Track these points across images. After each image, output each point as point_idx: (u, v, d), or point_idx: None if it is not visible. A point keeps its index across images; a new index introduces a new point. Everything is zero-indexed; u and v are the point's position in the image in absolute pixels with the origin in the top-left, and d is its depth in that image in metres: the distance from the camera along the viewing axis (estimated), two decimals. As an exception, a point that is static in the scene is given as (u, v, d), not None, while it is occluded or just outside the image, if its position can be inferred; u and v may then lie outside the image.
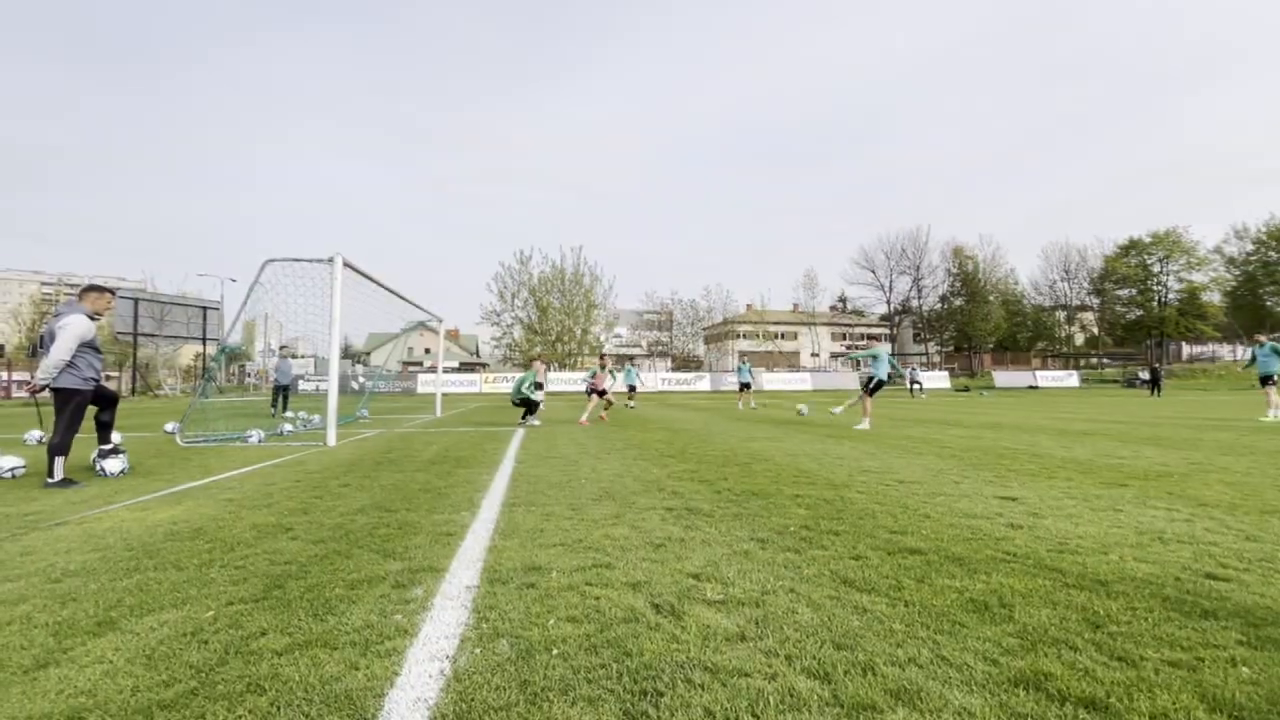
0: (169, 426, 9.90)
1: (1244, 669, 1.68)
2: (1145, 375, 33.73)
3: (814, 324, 61.56)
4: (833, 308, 67.81)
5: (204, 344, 34.25)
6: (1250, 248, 51.28)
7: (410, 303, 13.35)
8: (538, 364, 11.86)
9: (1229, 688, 1.58)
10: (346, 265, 8.55)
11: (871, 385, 10.76)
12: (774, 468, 5.56)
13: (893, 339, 64.92)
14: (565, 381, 38.63)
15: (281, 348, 14.02)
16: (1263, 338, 12.00)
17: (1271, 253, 49.71)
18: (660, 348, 57.19)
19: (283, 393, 14.97)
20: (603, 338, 51.20)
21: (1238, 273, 52.24)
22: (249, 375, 48.70)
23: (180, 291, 42.70)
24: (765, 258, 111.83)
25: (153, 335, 32.31)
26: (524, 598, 2.28)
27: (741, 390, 19.05)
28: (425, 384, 36.10)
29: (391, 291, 11.58)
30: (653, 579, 2.48)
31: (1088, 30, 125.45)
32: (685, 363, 57.08)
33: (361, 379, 34.28)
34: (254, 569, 2.65)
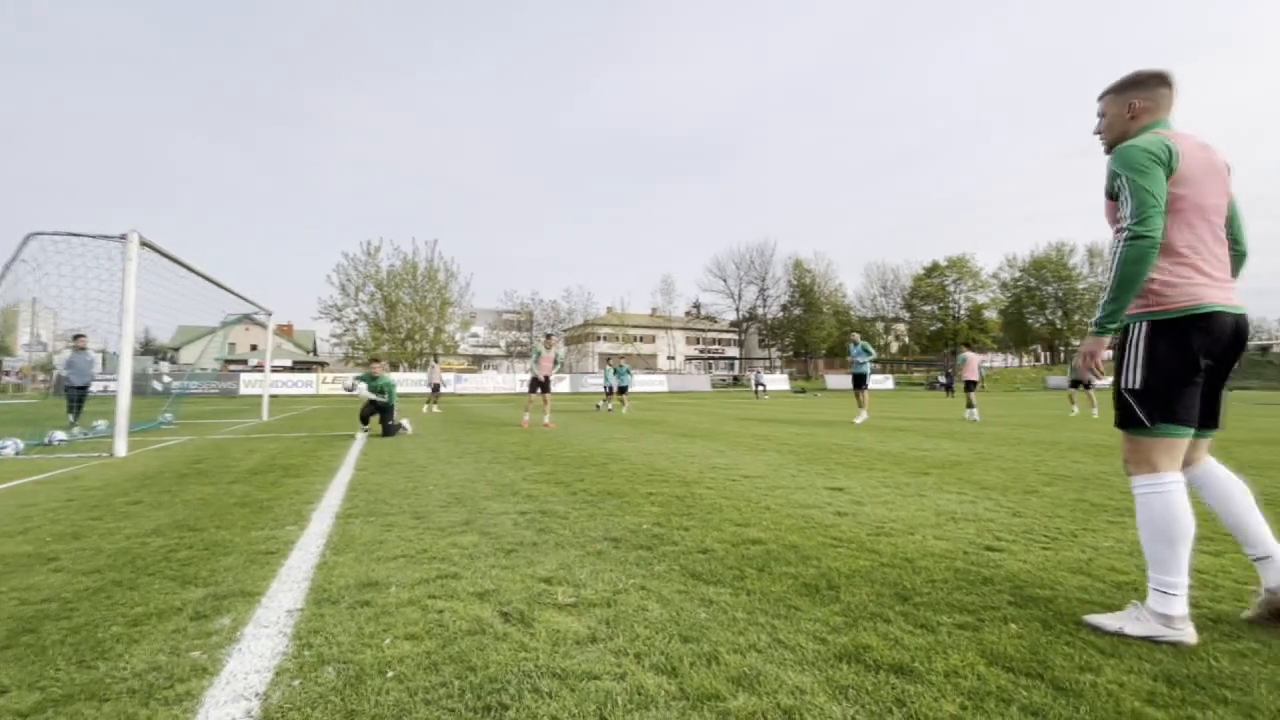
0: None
1: (1013, 625, 1.98)
2: (943, 379, 39.42)
3: (670, 328, 63.99)
4: (688, 313, 70.95)
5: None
6: (1018, 274, 62.05)
7: (232, 293, 11.76)
8: (376, 366, 10.19)
9: (1002, 643, 1.85)
10: (145, 245, 7.31)
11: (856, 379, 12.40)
12: (630, 467, 5.65)
13: (740, 344, 69.53)
14: (416, 383, 36.42)
15: (76, 337, 11.21)
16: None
17: (1032, 279, 60.60)
18: (519, 348, 55.96)
19: (79, 395, 11.73)
20: (458, 336, 49.02)
21: (1009, 295, 62.94)
22: (7, 373, 39.67)
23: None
24: (626, 262, 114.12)
25: None
26: (357, 617, 2.07)
27: (610, 392, 19.05)
28: (250, 384, 32.08)
29: (208, 279, 10.12)
30: (502, 586, 2.37)
31: (913, 80, 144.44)
32: (545, 364, 56.43)
33: (167, 379, 29.57)
34: (-5, 611, 2.13)
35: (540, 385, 11.14)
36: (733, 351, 71.96)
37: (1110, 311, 1.93)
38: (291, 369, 45.19)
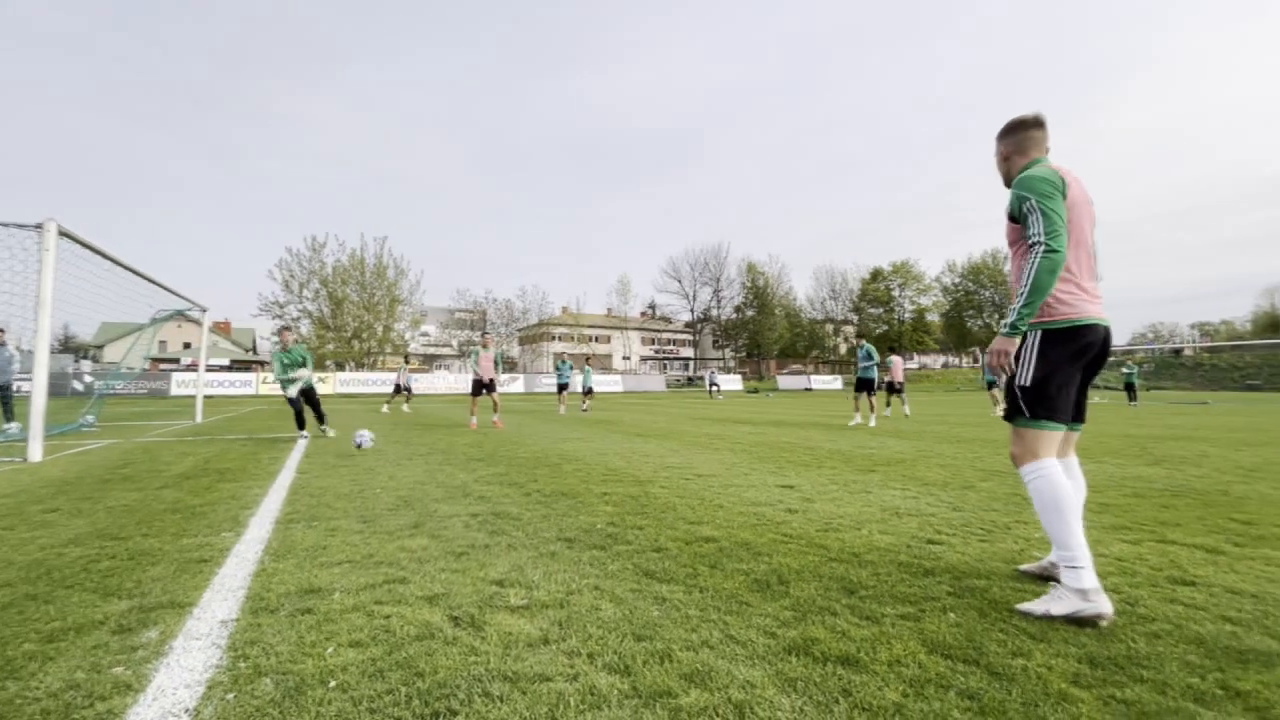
0: None
1: (951, 615, 2.07)
2: (888, 379, 40.82)
3: (626, 328, 64.10)
4: (643, 313, 71.20)
5: None
6: (958, 279, 64.84)
7: (163, 288, 11.11)
8: (287, 335, 8.88)
9: (941, 632, 1.92)
10: (64, 235, 6.83)
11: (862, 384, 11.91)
12: (584, 467, 5.63)
13: (695, 344, 70.18)
14: (363, 383, 35.29)
15: None
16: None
17: (971, 284, 63.45)
18: (472, 348, 54.94)
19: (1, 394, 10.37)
20: (407, 335, 47.73)
21: (950, 299, 65.70)
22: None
23: None
24: (582, 262, 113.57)
25: None
26: (297, 626, 1.98)
27: (561, 392, 18.85)
28: (183, 385, 30.38)
29: (136, 273, 9.52)
30: (452, 590, 2.32)
31: (863, 91, 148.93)
32: (498, 364, 55.60)
33: (89, 378, 27.70)
34: (-113, 631, 1.95)
35: (484, 386, 10.98)
36: (688, 352, 72.61)
37: (1023, 315, 2.15)
38: (229, 368, 43.05)
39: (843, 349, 69.42)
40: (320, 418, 9.15)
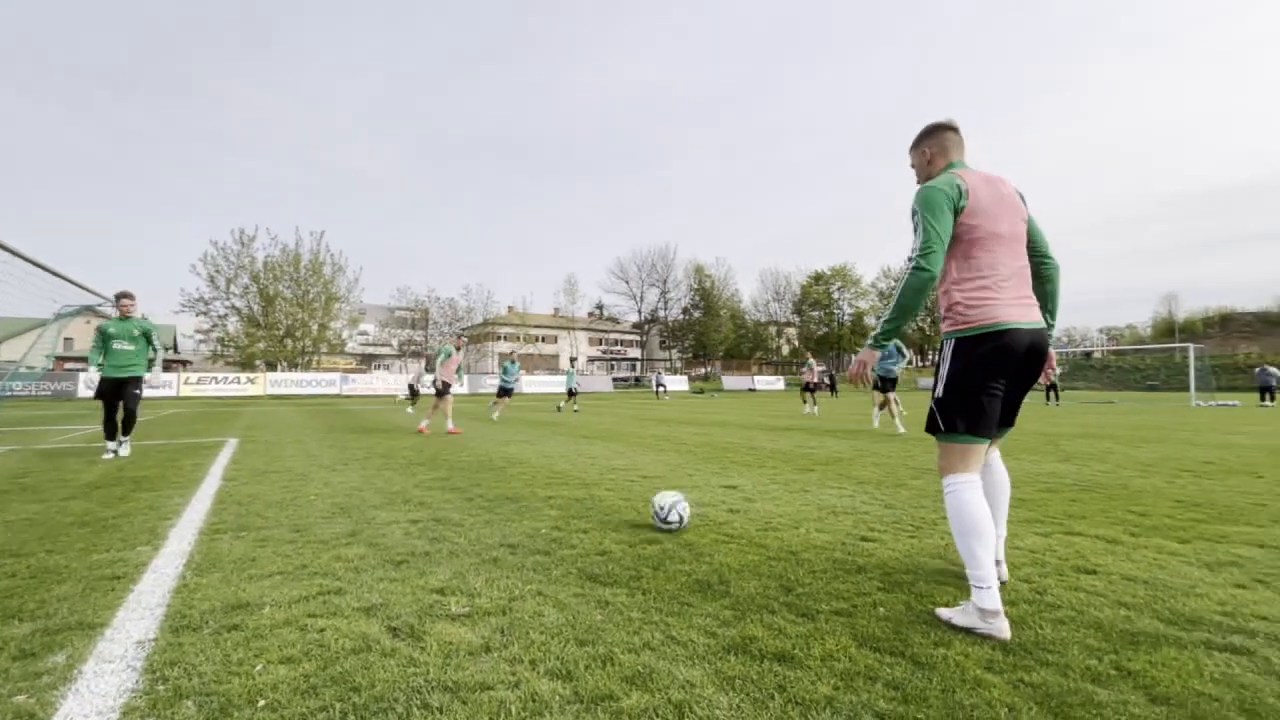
0: None
1: (881, 609, 2.18)
2: (829, 380, 42.22)
3: (573, 329, 63.69)
4: (591, 314, 71.01)
5: None
6: (892, 284, 67.75)
7: (70, 281, 10.28)
8: (127, 304, 6.94)
9: (871, 626, 2.02)
10: (-45, 223, 6.23)
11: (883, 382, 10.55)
12: (529, 470, 5.58)
13: (642, 345, 70.52)
14: (297, 384, 33.75)
15: None
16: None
17: (906, 289, 66.51)
18: (413, 348, 53.34)
19: None
20: (345, 334, 45.91)
21: (885, 303, 68.59)
22: None
23: None
24: (528, 261, 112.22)
25: None
26: (222, 644, 1.89)
27: (501, 397, 17.80)
28: (92, 385, 28.04)
29: (38, 265, 8.79)
30: (391, 600, 2.27)
31: (809, 99, 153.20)
32: (442, 364, 54.13)
33: (-18, 378, 25.32)
34: None
35: (446, 388, 10.67)
36: (635, 352, 72.91)
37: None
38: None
39: (785, 350, 71.31)
40: (128, 426, 6.93)
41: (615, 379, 52.16)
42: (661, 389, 31.82)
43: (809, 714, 1.50)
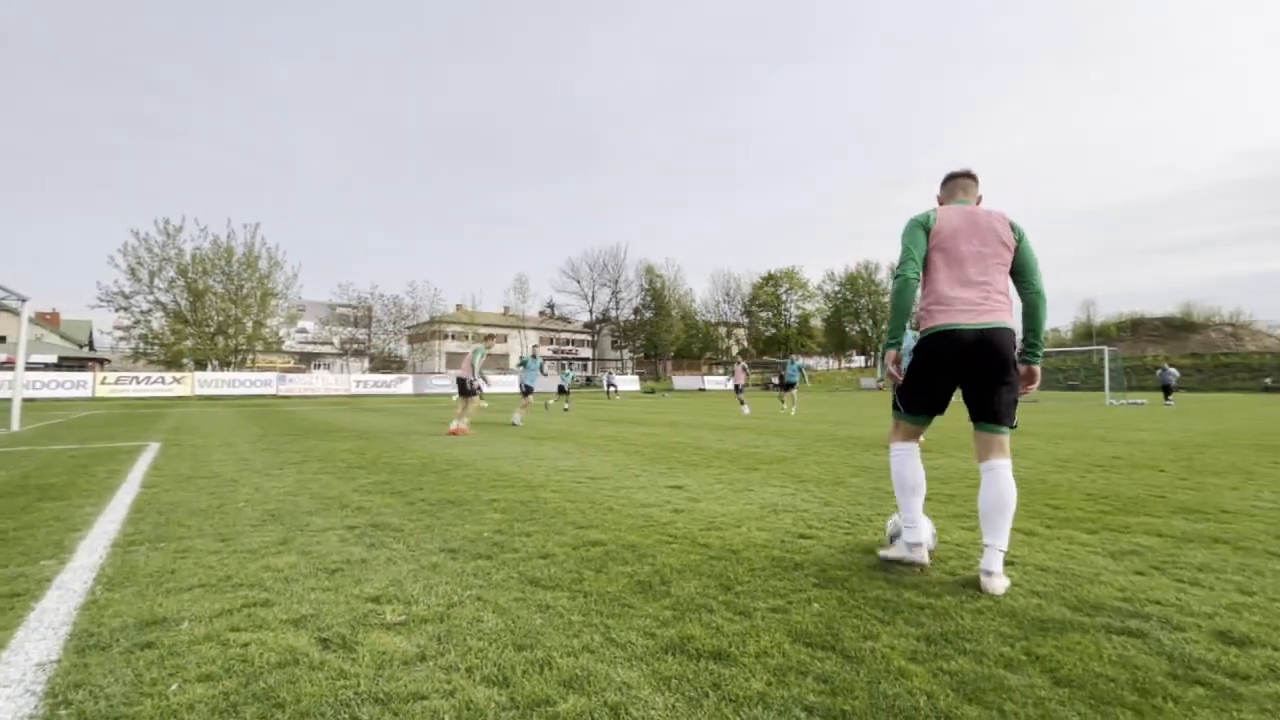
0: None
1: (815, 605, 2.25)
2: (776, 381, 43.21)
3: (524, 328, 62.89)
4: (541, 313, 70.25)
5: None
6: (837, 287, 69.92)
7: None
8: None
9: (805, 622, 2.09)
10: None
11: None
12: (473, 473, 5.49)
13: (594, 345, 70.29)
14: (229, 384, 32.07)
15: None
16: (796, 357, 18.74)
17: (849, 293, 68.69)
18: (356, 346, 51.47)
19: None
20: (282, 332, 43.91)
21: (831, 305, 70.69)
22: None
23: None
24: (478, 260, 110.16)
25: None
26: (134, 663, 1.79)
27: (527, 395, 15.04)
28: (-5, 386, 26.02)
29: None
30: (322, 610, 2.19)
31: (757, 103, 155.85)
32: (386, 363, 52.45)
33: None
34: None
35: (476, 389, 10.56)
36: (586, 352, 72.55)
37: (890, 330, 2.77)
38: (57, 366, 37.44)
39: (735, 350, 72.45)
40: None
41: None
42: (613, 389, 31.82)
43: (741, 710, 1.54)
